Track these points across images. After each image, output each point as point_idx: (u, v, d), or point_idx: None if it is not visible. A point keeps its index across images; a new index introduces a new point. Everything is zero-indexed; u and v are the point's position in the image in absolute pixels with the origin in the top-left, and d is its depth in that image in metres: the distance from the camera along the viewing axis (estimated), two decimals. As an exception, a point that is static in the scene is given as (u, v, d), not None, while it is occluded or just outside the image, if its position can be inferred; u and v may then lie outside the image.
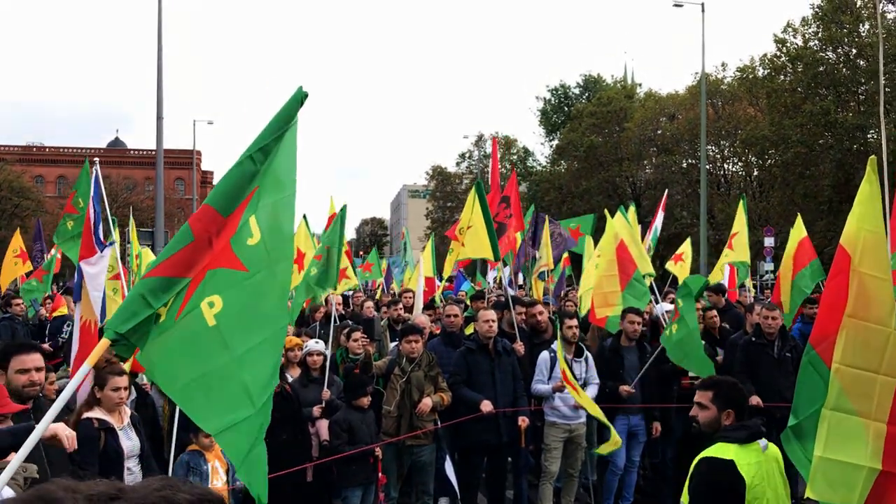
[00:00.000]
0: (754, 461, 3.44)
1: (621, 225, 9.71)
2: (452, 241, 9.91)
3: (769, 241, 28.42)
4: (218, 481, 6.01)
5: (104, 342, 3.30)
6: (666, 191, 17.29)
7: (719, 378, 4.71)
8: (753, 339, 8.26)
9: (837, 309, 3.27)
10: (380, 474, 7.07)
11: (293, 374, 7.85)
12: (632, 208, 15.32)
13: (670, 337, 7.85)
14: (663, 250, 29.96)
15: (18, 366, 4.42)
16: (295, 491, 7.04)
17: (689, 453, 8.32)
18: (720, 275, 13.13)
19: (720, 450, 3.52)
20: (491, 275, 16.55)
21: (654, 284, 9.54)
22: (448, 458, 7.67)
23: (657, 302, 9.69)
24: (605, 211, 10.95)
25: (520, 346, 8.36)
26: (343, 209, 8.18)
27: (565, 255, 14.49)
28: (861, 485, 3.23)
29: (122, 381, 5.33)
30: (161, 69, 21.11)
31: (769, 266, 27.58)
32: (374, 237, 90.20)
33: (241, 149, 3.58)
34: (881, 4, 22.08)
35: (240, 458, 3.70)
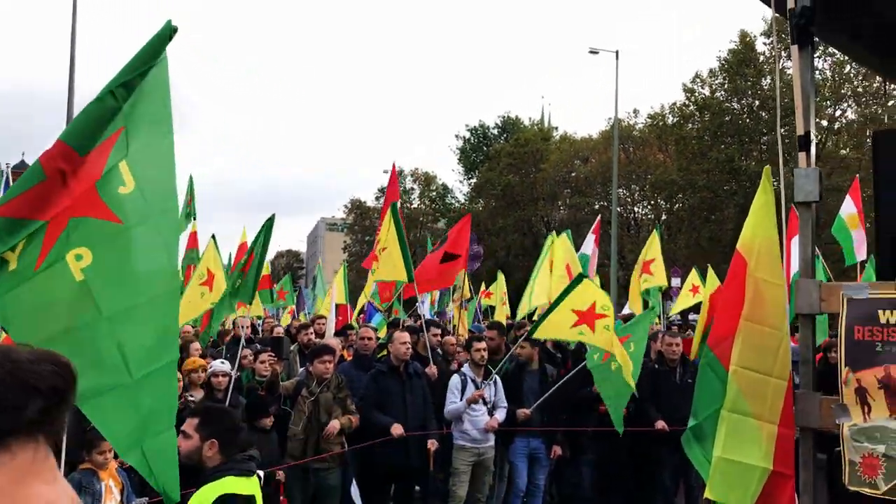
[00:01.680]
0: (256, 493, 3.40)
1: (565, 248, 10.02)
2: (373, 261, 9.87)
3: (675, 282, 29.29)
4: (111, 502, 5.69)
5: None
6: (598, 216, 17.64)
7: (208, 405, 4.59)
8: (656, 365, 8.50)
9: (734, 312, 3.36)
10: (282, 498, 6.83)
11: (197, 395, 7.56)
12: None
13: (609, 375, 7.90)
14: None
15: None
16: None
17: (607, 478, 8.50)
18: (638, 300, 13.44)
19: (234, 485, 3.38)
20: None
21: None
22: (354, 482, 7.50)
23: None
24: (554, 233, 11.20)
25: (433, 369, 8.31)
26: (270, 219, 7.97)
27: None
28: (755, 484, 3.30)
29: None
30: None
31: (674, 306, 28.39)
32: (290, 270, 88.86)
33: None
34: (780, 61, 23.42)
35: (119, 437, 3.42)
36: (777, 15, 3.62)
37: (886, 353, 3.29)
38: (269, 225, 7.85)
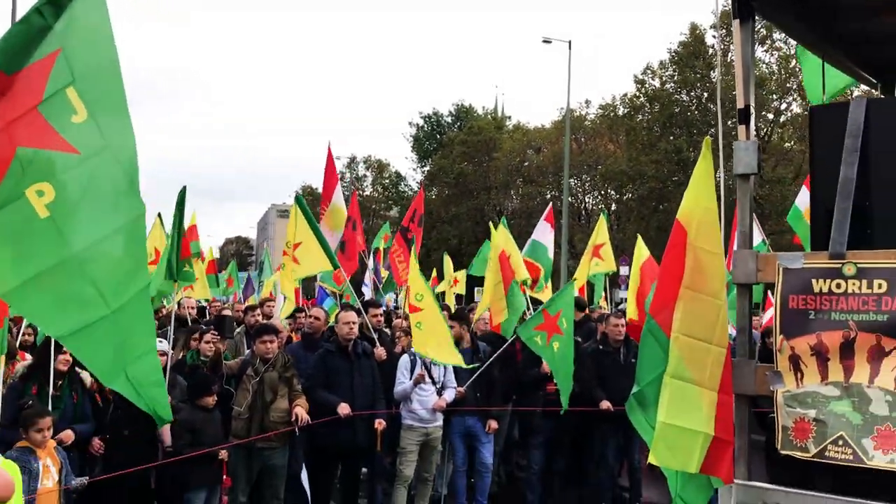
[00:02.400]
0: None
1: (503, 236, 10.01)
2: (284, 260, 9.56)
3: (624, 271, 29.71)
4: (49, 481, 5.57)
5: None
6: (550, 204, 17.67)
7: None
8: (600, 346, 8.61)
9: (674, 280, 3.41)
10: (224, 477, 6.76)
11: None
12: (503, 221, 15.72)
13: (551, 350, 8.00)
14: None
15: None
16: (135, 497, 6.64)
17: (553, 458, 8.60)
18: (582, 284, 13.53)
19: None
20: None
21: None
22: (303, 463, 7.45)
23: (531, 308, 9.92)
24: (490, 224, 11.19)
25: (381, 351, 8.28)
26: (182, 192, 7.82)
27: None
28: (699, 450, 3.35)
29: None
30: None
31: (624, 294, 28.83)
32: (239, 257, 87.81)
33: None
34: (725, 56, 23.85)
35: (102, 367, 3.37)
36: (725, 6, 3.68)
37: (819, 321, 3.38)
38: (181, 198, 7.77)
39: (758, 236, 8.67)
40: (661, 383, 3.41)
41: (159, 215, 10.05)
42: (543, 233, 14.60)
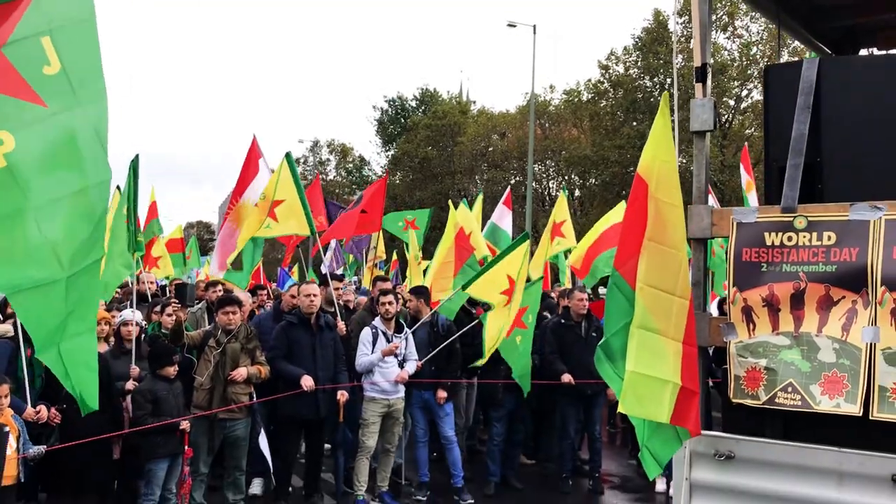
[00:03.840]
0: None
1: (463, 214, 10.00)
2: (254, 212, 9.29)
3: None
4: (7, 448, 5.48)
5: None
6: (509, 188, 17.73)
7: None
8: (562, 321, 8.71)
9: (638, 232, 3.46)
10: (186, 447, 6.73)
11: (101, 349, 7.34)
12: (480, 197, 15.79)
13: (512, 342, 8.09)
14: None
15: None
16: (99, 465, 6.58)
17: (517, 430, 8.69)
18: (540, 265, 13.65)
19: None
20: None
21: None
22: (263, 432, 7.45)
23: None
24: (450, 201, 11.15)
25: (341, 325, 8.28)
26: (135, 159, 7.71)
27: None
28: (668, 399, 3.40)
29: None
30: None
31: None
32: (200, 241, 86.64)
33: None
34: (687, 42, 24.18)
35: (41, 334, 3.29)
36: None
37: (770, 273, 3.48)
38: (133, 165, 7.70)
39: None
40: (626, 334, 3.43)
41: (118, 188, 9.84)
42: (502, 216, 14.72)
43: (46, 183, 3.20)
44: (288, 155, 9.44)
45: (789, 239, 3.44)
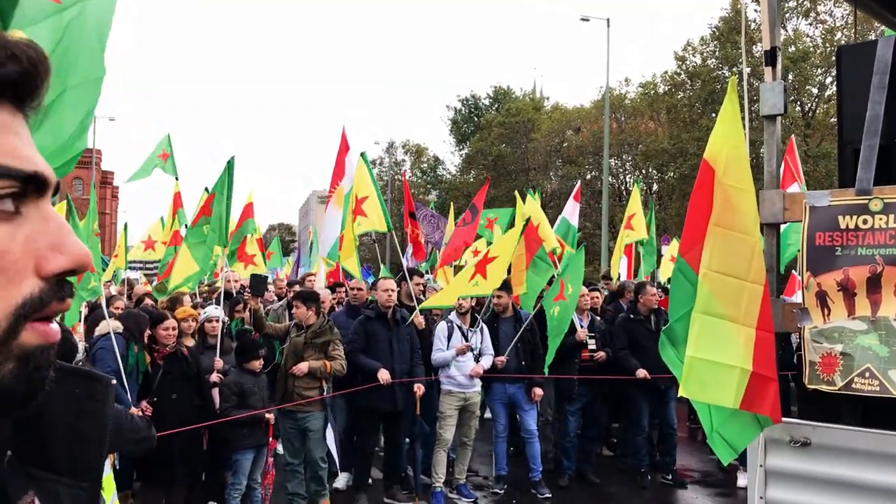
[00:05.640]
0: None
1: (531, 206, 10.06)
2: (355, 215, 9.77)
3: (665, 251, 29.47)
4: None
5: None
6: (579, 181, 17.65)
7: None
8: (631, 315, 8.67)
9: (702, 219, 3.44)
10: (270, 439, 6.97)
11: (187, 345, 7.66)
12: (537, 193, 15.79)
13: (553, 316, 8.17)
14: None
15: None
16: (186, 457, 6.87)
17: (593, 425, 8.70)
18: (618, 254, 13.55)
19: None
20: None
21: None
22: (331, 428, 7.57)
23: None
24: (516, 193, 11.21)
25: (419, 319, 8.41)
26: (230, 161, 8.03)
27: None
28: (735, 384, 3.34)
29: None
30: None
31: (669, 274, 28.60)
32: (282, 243, 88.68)
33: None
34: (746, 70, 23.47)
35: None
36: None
37: (845, 256, 3.42)
38: (230, 166, 7.96)
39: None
40: (689, 319, 3.43)
41: (161, 219, 10.24)
42: (572, 211, 14.67)
43: (53, 80, 3.23)
44: (363, 154, 9.83)
45: (864, 222, 3.38)
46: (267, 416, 6.93)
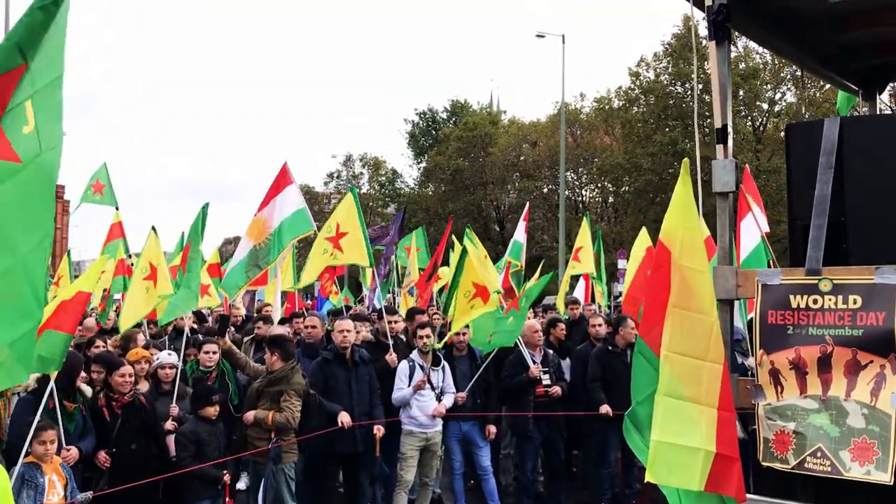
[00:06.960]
0: None
1: (471, 249, 10.09)
2: (328, 246, 9.81)
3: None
4: (55, 496, 5.66)
5: None
6: (527, 203, 17.87)
7: None
8: (609, 347, 8.68)
9: (661, 300, 3.48)
10: (227, 499, 6.84)
11: (142, 388, 7.50)
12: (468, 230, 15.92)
13: (504, 321, 8.52)
14: (526, 272, 30.84)
15: None
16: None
17: (553, 459, 8.72)
18: (565, 287, 13.72)
19: None
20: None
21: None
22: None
23: None
24: (452, 237, 11.35)
25: (393, 358, 8.33)
26: (204, 207, 7.98)
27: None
28: (700, 467, 3.37)
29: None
30: None
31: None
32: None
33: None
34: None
35: (29, 365, 3.44)
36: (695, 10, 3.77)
37: (797, 336, 3.48)
38: (203, 213, 7.89)
39: (764, 223, 8.59)
40: (653, 402, 3.46)
41: (153, 228, 10.05)
42: (520, 231, 14.94)
43: (25, 236, 3.30)
44: (352, 190, 10.18)
45: (815, 302, 3.44)
46: (224, 478, 6.78)
